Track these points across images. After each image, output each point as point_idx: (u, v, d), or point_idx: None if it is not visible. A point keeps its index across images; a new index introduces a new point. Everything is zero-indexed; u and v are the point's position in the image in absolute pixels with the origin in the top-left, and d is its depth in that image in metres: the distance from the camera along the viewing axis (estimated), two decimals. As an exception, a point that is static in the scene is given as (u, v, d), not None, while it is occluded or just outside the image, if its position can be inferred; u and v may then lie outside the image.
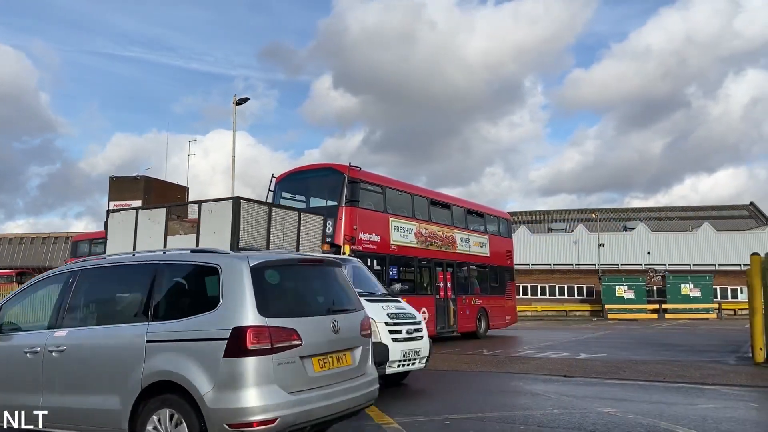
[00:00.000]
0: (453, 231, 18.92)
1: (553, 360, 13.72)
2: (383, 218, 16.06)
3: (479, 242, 20.34)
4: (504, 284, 21.76)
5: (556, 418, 7.24)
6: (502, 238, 22.27)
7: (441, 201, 19.33)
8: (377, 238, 15.52)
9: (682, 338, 21.02)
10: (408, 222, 16.90)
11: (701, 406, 8.04)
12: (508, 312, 21.93)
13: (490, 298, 20.57)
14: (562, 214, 62.47)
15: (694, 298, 40.82)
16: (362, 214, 15.19)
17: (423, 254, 17.29)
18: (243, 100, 21.24)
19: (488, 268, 20.87)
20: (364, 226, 15.03)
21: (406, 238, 16.63)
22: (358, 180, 15.22)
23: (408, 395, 9.46)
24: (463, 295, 19.02)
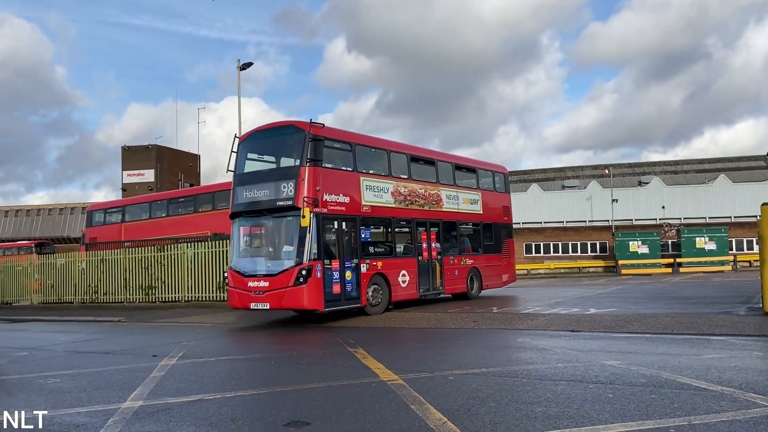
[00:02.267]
0: (438, 188, 18.01)
1: (562, 316, 13.80)
2: (353, 177, 15.05)
3: (470, 199, 19.48)
4: (500, 242, 20.82)
5: (560, 372, 7.33)
6: (497, 193, 21.31)
7: (424, 157, 18.25)
8: (346, 199, 14.52)
9: (695, 291, 20.99)
10: (383, 181, 15.94)
11: (706, 357, 8.08)
12: (505, 271, 21.08)
13: (484, 257, 19.82)
14: (575, 171, 61.88)
15: (709, 251, 40.59)
16: (327, 174, 14.16)
17: (402, 214, 16.41)
18: (247, 64, 21.02)
19: (481, 225, 19.93)
20: (329, 186, 14.07)
21: (381, 198, 15.73)
22: (322, 137, 14.03)
23: (414, 353, 9.59)
24: (452, 255, 18.27)
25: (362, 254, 14.74)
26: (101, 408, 6.25)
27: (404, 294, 16.03)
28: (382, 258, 15.51)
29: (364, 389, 6.65)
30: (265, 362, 9.19)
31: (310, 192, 13.45)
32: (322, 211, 13.66)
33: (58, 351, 11.49)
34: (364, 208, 15.09)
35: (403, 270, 16.06)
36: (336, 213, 14.17)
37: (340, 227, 14.28)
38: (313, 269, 13.25)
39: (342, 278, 14.00)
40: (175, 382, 7.70)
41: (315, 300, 13.33)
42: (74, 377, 8.40)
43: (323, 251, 13.51)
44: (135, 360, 9.89)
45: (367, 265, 14.78)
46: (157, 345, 11.52)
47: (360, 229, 14.79)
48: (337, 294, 13.83)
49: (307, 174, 13.57)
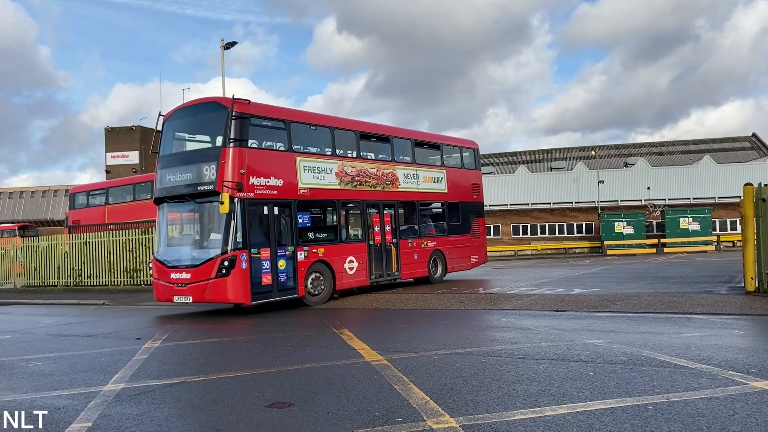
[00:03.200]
0: (394, 167, 16.83)
1: (547, 296, 13.90)
2: (288, 158, 13.83)
3: (433, 177, 18.36)
4: (468, 222, 19.69)
5: (543, 350, 7.38)
6: (465, 170, 20.06)
7: (376, 134, 17.00)
8: (278, 182, 13.37)
9: (678, 271, 21.24)
10: (325, 160, 14.79)
11: (687, 335, 8.18)
12: (475, 252, 20.04)
13: (449, 239, 18.80)
14: (562, 153, 62.05)
15: (693, 232, 40.99)
16: (255, 155, 13.08)
17: (349, 196, 15.31)
18: (231, 44, 20.69)
19: (446, 205, 18.84)
20: (258, 168, 12.95)
21: (323, 180, 14.59)
22: (248, 115, 12.88)
23: (400, 334, 9.62)
24: (411, 238, 17.26)
25: (300, 241, 13.69)
26: (83, 391, 6.21)
27: (352, 281, 15.11)
28: (325, 244, 14.50)
29: (349, 370, 6.66)
30: (250, 344, 9.18)
31: (232, 175, 12.41)
32: (248, 196, 12.60)
33: (41, 334, 11.40)
34: (301, 191, 13.95)
35: (351, 256, 15.09)
36: (266, 197, 13.06)
37: (271, 212, 13.16)
38: (236, 259, 12.31)
39: (274, 268, 12.98)
40: (159, 364, 7.67)
41: (240, 293, 12.38)
42: (56, 360, 8.34)
43: (250, 239, 12.53)
44: (118, 343, 9.84)
45: (305, 253, 13.75)
46: (141, 328, 11.47)
47: (297, 214, 13.70)
48: (267, 285, 12.84)
49: (230, 155, 12.49)
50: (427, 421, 4.63)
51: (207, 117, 13.43)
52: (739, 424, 4.31)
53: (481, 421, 4.60)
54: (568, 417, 4.61)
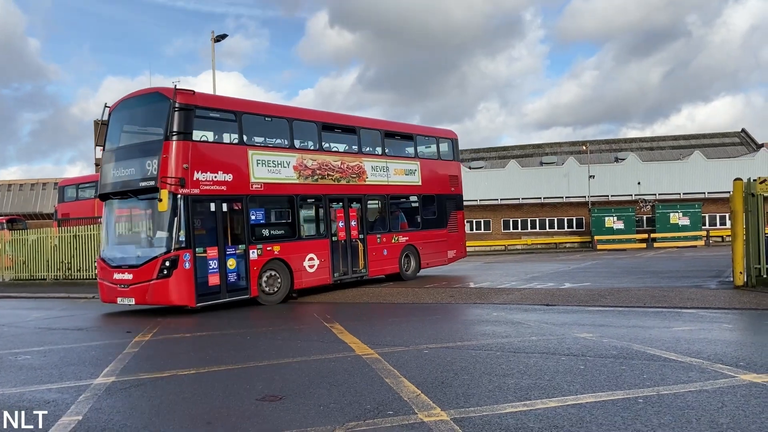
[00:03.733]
0: (360, 159, 16.10)
1: (537, 290, 13.95)
2: (239, 151, 13.17)
3: (405, 169, 17.55)
4: (445, 215, 18.85)
5: (533, 344, 7.41)
6: (442, 162, 19.17)
7: (341, 124, 16.19)
8: (228, 176, 12.69)
9: (668, 265, 21.38)
10: (282, 154, 14.06)
11: (676, 329, 8.23)
12: (452, 246, 19.15)
13: (423, 233, 18.00)
14: (553, 148, 62.21)
15: (683, 227, 41.22)
16: (201, 149, 12.39)
17: (309, 190, 14.59)
18: (221, 36, 20.56)
19: (420, 198, 18.03)
20: (204, 163, 12.30)
21: (280, 174, 13.86)
22: (192, 106, 12.21)
23: (390, 328, 9.63)
24: (380, 233, 16.56)
25: (253, 238, 13.04)
26: (73, 384, 6.18)
27: (313, 280, 14.41)
28: (281, 241, 13.74)
29: (339, 364, 6.66)
30: (240, 338, 9.16)
31: (174, 170, 11.79)
32: (192, 192, 11.98)
33: (30, 328, 11.32)
34: (254, 186, 13.25)
35: (311, 253, 14.37)
36: (213, 193, 12.40)
37: (219, 209, 12.51)
38: (179, 259, 11.70)
39: (222, 267, 12.39)
40: (149, 358, 7.64)
41: (184, 294, 11.80)
42: (45, 354, 8.28)
43: (194, 238, 11.92)
44: (108, 336, 9.79)
45: (259, 251, 13.12)
46: (131, 321, 11.41)
47: (249, 210, 13.05)
48: (214, 286, 12.27)
49: (172, 149, 11.85)
50: (418, 414, 4.64)
51: (150, 108, 12.78)
52: (727, 417, 4.35)
53: (472, 414, 4.61)
54: (558, 410, 4.63)
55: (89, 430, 4.65)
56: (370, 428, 4.38)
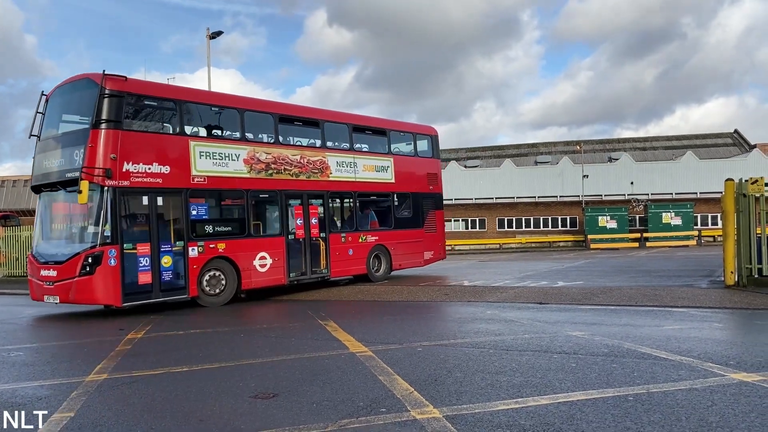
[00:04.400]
0: (324, 154, 15.34)
1: (531, 289, 14.00)
2: (179, 142, 12.46)
3: (376, 166, 16.76)
4: (421, 215, 18.07)
5: (526, 342, 7.45)
6: (419, 159, 18.43)
7: (301, 117, 15.50)
8: (164, 168, 12.00)
9: (660, 265, 21.49)
10: (229, 146, 13.37)
11: (667, 328, 8.29)
12: (429, 247, 18.35)
13: (396, 233, 17.20)
14: (548, 147, 62.36)
15: (675, 226, 41.42)
16: (133, 139, 11.71)
17: (263, 185, 13.84)
18: (216, 33, 20.50)
19: (393, 196, 17.21)
20: (137, 153, 11.63)
21: (227, 167, 13.14)
22: (123, 93, 11.60)
23: (385, 325, 9.66)
24: (345, 232, 15.97)
25: (193, 235, 12.39)
26: (65, 381, 6.17)
27: (264, 280, 13.71)
28: (228, 238, 13.07)
29: (333, 361, 6.68)
30: (234, 335, 9.16)
31: (100, 160, 11.15)
32: (120, 184, 11.32)
33: (23, 325, 11.29)
34: (196, 179, 12.55)
35: (263, 252, 13.65)
36: (146, 186, 11.73)
37: (153, 203, 11.85)
38: (103, 255, 11.06)
39: (155, 265, 11.72)
40: (142, 355, 7.63)
41: (108, 293, 11.18)
42: (38, 351, 8.27)
43: (122, 233, 11.30)
44: (101, 333, 9.77)
45: (200, 248, 12.47)
46: (124, 318, 11.39)
47: (190, 205, 12.39)
48: (145, 285, 11.62)
49: (99, 138, 11.22)
50: (411, 412, 4.67)
51: (81, 95, 12.06)
52: (717, 415, 4.39)
53: (464, 412, 4.64)
54: (550, 407, 4.67)
55: (81, 426, 4.66)
56: (363, 426, 4.41)
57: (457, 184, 52.12)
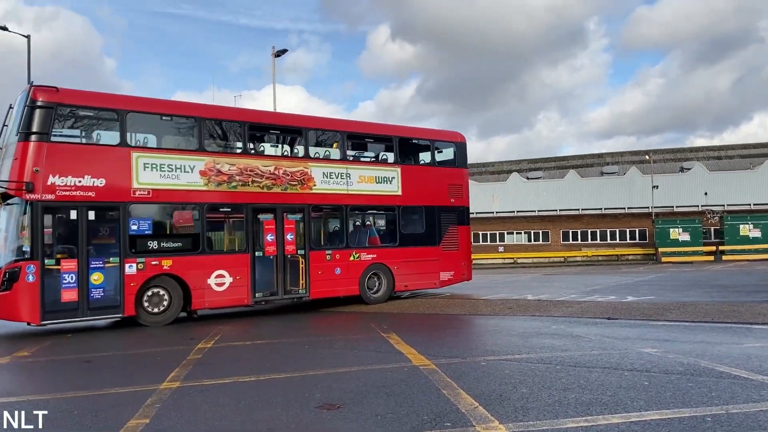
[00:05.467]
0: (306, 164, 14.21)
1: (598, 303, 13.59)
2: (118, 153, 11.88)
3: (377, 177, 15.41)
4: (437, 231, 16.26)
5: (595, 359, 7.23)
6: (437, 169, 16.78)
7: (279, 125, 14.79)
8: (99, 182, 11.51)
9: (738, 279, 20.42)
10: (181, 156, 12.65)
11: (747, 345, 7.87)
12: (447, 267, 16.34)
13: (401, 251, 15.58)
14: (614, 157, 60.61)
15: (754, 239, 39.30)
16: (62, 151, 11.34)
17: (223, 198, 13.10)
18: (281, 51, 21.12)
19: (399, 210, 15.68)
20: (65, 166, 11.22)
21: (178, 179, 12.43)
22: (52, 104, 11.24)
23: (447, 339, 9.59)
24: (331, 249, 14.66)
25: (132, 251, 11.81)
26: (140, 388, 6.43)
27: (222, 299, 12.88)
28: (176, 255, 12.37)
29: (397, 374, 6.68)
30: (299, 346, 9.31)
31: (23, 173, 10.85)
32: (43, 198, 10.92)
33: (99, 332, 11.83)
34: (137, 192, 11.97)
35: (220, 270, 12.81)
36: (75, 199, 11.26)
37: (83, 217, 11.37)
38: (20, 272, 10.72)
39: (82, 282, 11.23)
40: (212, 364, 7.87)
41: (26, 310, 10.77)
42: (115, 358, 8.67)
43: (43, 248, 10.93)
44: (172, 342, 10.14)
45: (140, 265, 11.84)
46: (193, 328, 11.77)
47: (129, 220, 11.83)
48: (70, 302, 11.10)
49: (25, 151, 10.96)
50: (476, 427, 4.61)
51: (19, 107, 11.81)
52: (804, 439, 4.13)
53: (531, 428, 4.54)
54: (622, 427, 4.51)
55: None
56: (428, 439, 4.38)
57: (520, 196, 51.37)
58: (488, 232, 50.99)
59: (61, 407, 5.78)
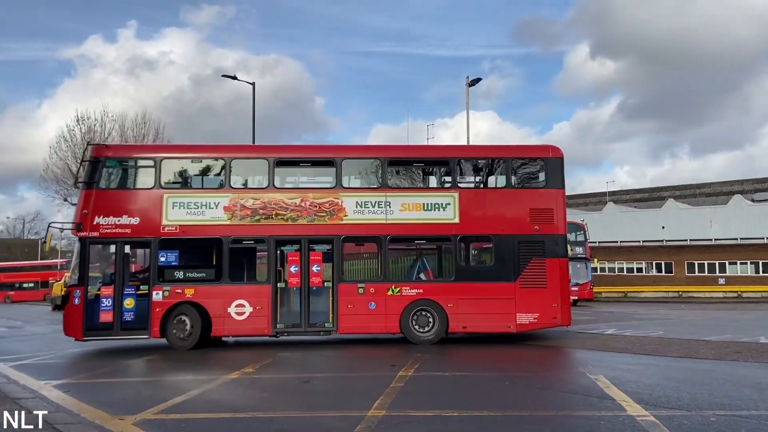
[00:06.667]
0: (337, 194, 13.92)
1: None
2: (151, 195, 13.60)
3: (425, 204, 14.17)
4: (512, 264, 13.93)
5: None
6: (513, 191, 14.41)
7: (308, 157, 14.92)
8: (134, 220, 13.38)
9: None
10: (206, 194, 13.80)
11: None
12: (528, 308, 13.82)
13: (458, 286, 13.91)
14: None
15: None
16: (105, 196, 13.53)
17: (245, 232, 13.66)
18: (475, 80, 21.33)
19: (455, 240, 14.08)
20: (108, 208, 13.37)
21: (203, 215, 13.55)
22: (101, 158, 13.67)
23: (664, 384, 8.68)
24: (364, 282, 13.86)
25: (160, 280, 13.26)
26: (348, 414, 6.76)
27: (242, 328, 13.43)
28: (198, 284, 13.43)
29: (611, 424, 6.17)
30: (498, 382, 9.11)
31: (77, 215, 13.55)
32: (90, 235, 13.19)
33: (302, 356, 12.74)
34: (166, 228, 13.44)
35: (241, 299, 13.40)
36: (114, 236, 13.27)
37: (120, 250, 13.36)
38: (70, 296, 13.23)
39: (117, 306, 13.06)
40: (415, 394, 8.01)
41: (72, 327, 13.15)
42: (326, 380, 9.24)
43: (87, 277, 13.13)
44: (376, 368, 10.55)
45: (165, 293, 13.23)
46: (394, 355, 12.13)
47: (159, 252, 13.33)
48: (106, 323, 13.03)
49: (80, 197, 13.85)
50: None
51: None
52: None
53: None
54: None
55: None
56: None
57: (744, 221, 45.49)
58: (705, 261, 45.81)
59: (281, 426, 6.28)
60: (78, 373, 10.46)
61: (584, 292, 31.45)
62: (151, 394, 8.27)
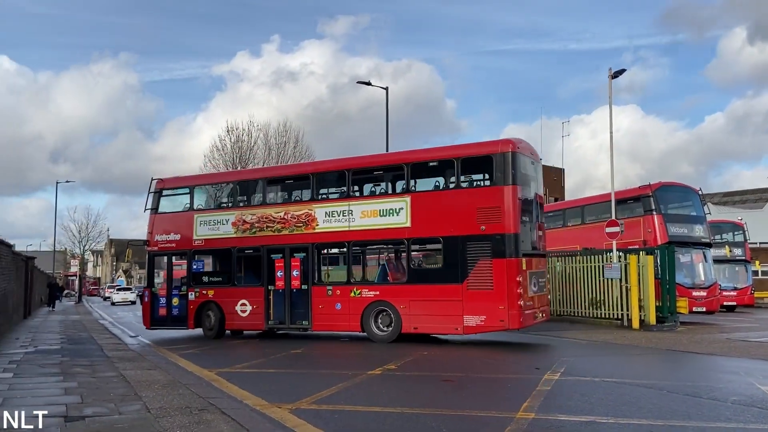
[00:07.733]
0: (310, 206, 15.18)
1: None
2: (187, 217, 16.85)
3: (381, 210, 14.33)
4: (461, 265, 13.26)
5: None
6: (459, 191, 13.79)
7: (287, 175, 17.60)
8: (176, 236, 16.74)
9: None
10: (221, 213, 16.65)
11: None
12: (475, 309, 13.05)
13: (409, 288, 13.87)
14: None
15: None
16: (160, 219, 17.12)
17: (247, 243, 15.97)
18: (619, 72, 20.01)
19: (407, 243, 14.03)
20: (161, 228, 16.95)
21: (218, 230, 16.30)
22: (159, 189, 17.20)
23: None
24: (332, 285, 14.92)
25: (192, 283, 16.46)
26: (497, 414, 6.66)
27: (245, 324, 16.04)
28: (216, 287, 16.30)
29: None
30: (654, 389, 8.51)
31: (146, 235, 17.26)
32: (152, 249, 17.06)
33: (454, 353, 12.72)
34: (196, 242, 16.52)
35: (243, 299, 15.80)
36: (165, 249, 16.92)
37: (169, 261, 17.03)
38: (144, 295, 17.42)
39: (168, 304, 16.63)
40: (563, 398, 7.74)
41: (145, 319, 17.08)
42: (475, 381, 9.17)
43: (153, 281, 17.10)
44: (519, 371, 10.34)
45: (195, 293, 16.33)
46: (537, 357, 11.81)
47: (192, 261, 16.55)
48: (162, 317, 16.70)
49: (148, 221, 17.34)
50: None
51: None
52: None
53: None
54: None
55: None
56: None
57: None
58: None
59: (428, 424, 6.33)
60: (234, 363, 11.27)
61: (744, 298, 28.62)
62: (303, 386, 8.72)
